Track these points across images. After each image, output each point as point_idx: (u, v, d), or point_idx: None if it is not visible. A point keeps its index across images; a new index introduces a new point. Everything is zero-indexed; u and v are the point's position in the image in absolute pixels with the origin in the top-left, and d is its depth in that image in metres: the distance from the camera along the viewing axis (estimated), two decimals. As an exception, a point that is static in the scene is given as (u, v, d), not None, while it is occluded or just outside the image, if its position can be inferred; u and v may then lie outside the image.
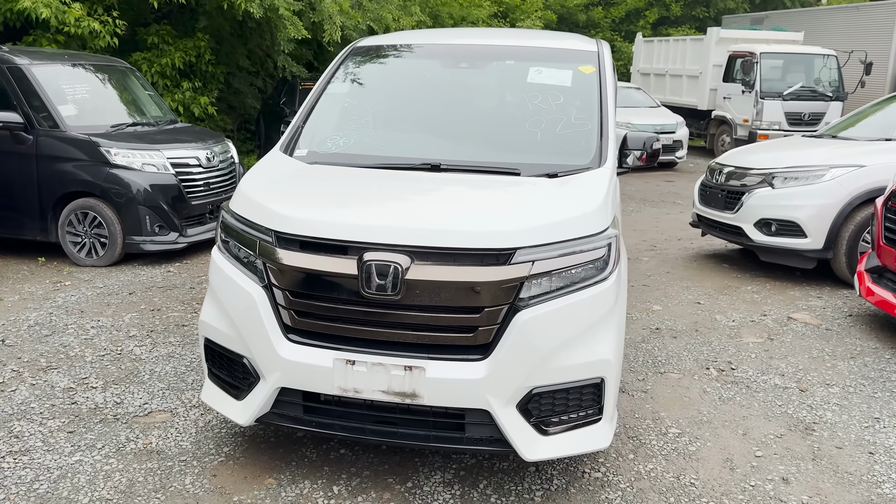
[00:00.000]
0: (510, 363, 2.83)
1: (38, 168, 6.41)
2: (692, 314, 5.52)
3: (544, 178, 3.34)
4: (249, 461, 3.32)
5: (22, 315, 5.08)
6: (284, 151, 3.77)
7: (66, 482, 3.10)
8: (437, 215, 2.98)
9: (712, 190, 6.90)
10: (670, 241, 8.22)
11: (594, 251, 2.97)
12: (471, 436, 2.95)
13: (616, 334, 3.03)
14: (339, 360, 2.89)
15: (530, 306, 2.84)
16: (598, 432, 3.03)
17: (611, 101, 3.88)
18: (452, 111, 4.04)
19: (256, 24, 11.57)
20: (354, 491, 3.12)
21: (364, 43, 4.51)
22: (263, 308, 2.99)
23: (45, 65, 6.65)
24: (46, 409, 3.72)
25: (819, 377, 4.39)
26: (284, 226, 3.00)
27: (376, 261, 2.82)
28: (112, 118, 6.88)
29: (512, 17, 21.56)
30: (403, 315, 2.86)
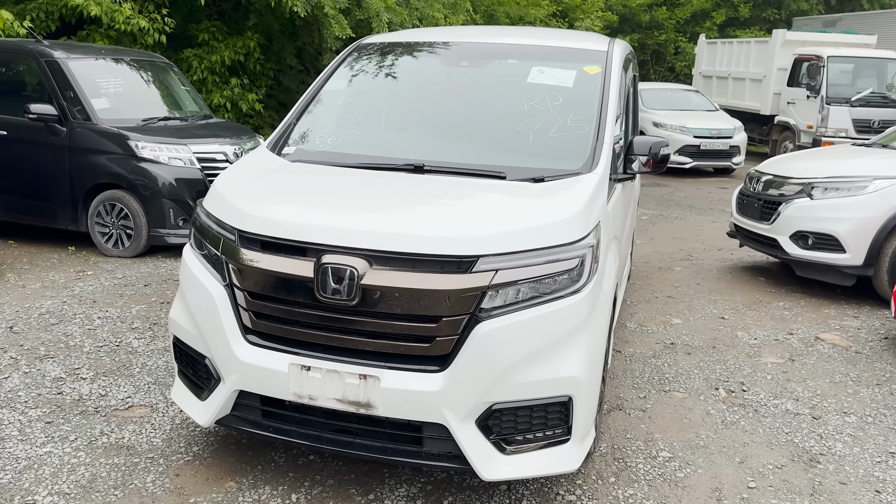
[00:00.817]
0: (468, 376, 2.69)
1: (70, 159, 6.56)
2: (713, 330, 5.24)
3: (527, 183, 3.17)
4: (215, 462, 3.27)
5: (37, 303, 5.19)
6: (272, 149, 3.71)
7: (30, 473, 3.11)
8: (399, 219, 2.86)
9: (749, 199, 6.56)
10: (709, 250, 7.88)
11: (566, 261, 2.80)
12: (429, 450, 2.82)
13: (588, 350, 2.85)
14: (295, 366, 2.80)
15: (492, 317, 2.69)
16: (565, 454, 2.86)
17: (612, 104, 3.68)
18: (446, 111, 3.91)
19: (304, 23, 11.67)
20: (313, 500, 3.04)
21: (369, 40, 4.43)
22: (223, 308, 2.93)
23: (81, 59, 6.80)
24: (32, 398, 3.76)
25: (837, 404, 4.08)
26: (247, 224, 2.93)
27: (332, 264, 2.72)
28: (144, 112, 6.99)
29: (571, 16, 21.21)
30: (359, 321, 2.75)
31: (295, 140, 3.75)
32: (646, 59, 24.69)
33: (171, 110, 7.40)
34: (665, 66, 25.01)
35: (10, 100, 6.79)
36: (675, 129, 13.91)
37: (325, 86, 4.09)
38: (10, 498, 2.94)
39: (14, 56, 6.82)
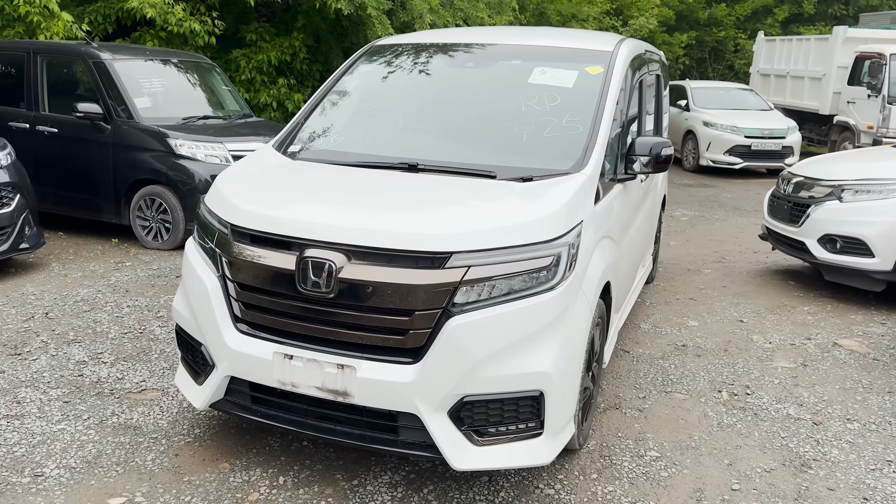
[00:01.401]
0: (440, 369, 2.78)
1: (114, 155, 6.91)
2: (728, 333, 5.18)
3: (514, 182, 3.24)
4: (214, 444, 3.45)
5: (74, 291, 5.50)
6: (278, 147, 3.87)
7: (42, 448, 3.34)
8: (378, 215, 2.97)
9: (779, 201, 6.43)
10: (744, 253, 7.74)
11: (539, 259, 2.86)
12: (404, 439, 2.92)
13: (561, 347, 2.90)
14: (279, 354, 2.95)
15: (464, 312, 2.78)
16: (538, 447, 2.93)
17: (610, 105, 3.71)
18: (446, 111, 4.00)
19: (350, 23, 11.89)
20: (300, 483, 3.18)
21: (382, 42, 4.55)
22: (216, 298, 3.10)
23: (126, 60, 7.14)
24: (55, 378, 4.02)
25: (841, 411, 4.01)
26: (238, 219, 3.09)
27: (312, 258, 2.85)
28: (184, 111, 7.29)
29: (626, 14, 20.96)
30: (337, 313, 2.87)
31: (300, 139, 3.90)
32: (704, 57, 24.21)
33: (212, 109, 7.69)
34: (724, 64, 24.45)
35: (61, 99, 7.17)
36: (726, 129, 13.63)
37: (335, 86, 4.24)
38: (21, 469, 3.17)
39: (66, 57, 7.21)
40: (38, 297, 5.35)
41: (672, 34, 22.65)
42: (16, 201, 5.84)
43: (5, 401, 3.74)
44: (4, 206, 5.76)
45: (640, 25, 19.12)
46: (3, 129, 7.22)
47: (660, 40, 21.93)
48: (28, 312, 5.00)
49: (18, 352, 4.34)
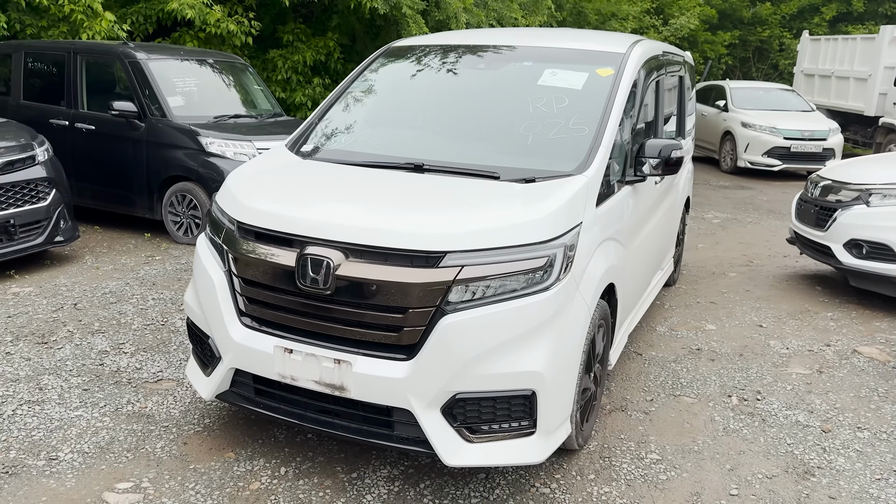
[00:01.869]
0: (432, 366, 2.84)
1: (147, 152, 7.11)
2: (746, 337, 5.12)
3: (515, 183, 3.27)
4: (222, 434, 3.56)
5: (104, 283, 5.70)
6: (291, 146, 3.96)
7: (59, 433, 3.49)
8: (376, 214, 3.03)
9: (806, 204, 6.32)
10: (773, 257, 7.62)
11: (533, 260, 2.90)
12: (399, 434, 2.98)
13: (554, 348, 2.93)
14: (279, 348, 3.03)
15: (457, 311, 2.83)
16: (530, 446, 2.96)
17: (618, 107, 3.72)
18: (454, 112, 4.05)
19: (385, 23, 12.00)
20: (300, 474, 3.26)
21: (399, 43, 4.62)
22: (222, 292, 3.20)
23: (160, 60, 7.35)
24: (77, 367, 4.18)
25: (853, 419, 3.94)
26: (245, 216, 3.19)
27: (311, 255, 2.93)
28: (216, 110, 7.47)
29: (667, 12, 20.68)
30: (334, 309, 2.95)
31: (313, 139, 3.99)
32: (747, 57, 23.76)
33: (243, 108, 7.86)
34: (768, 64, 23.97)
35: (99, 98, 7.41)
36: (765, 130, 13.39)
37: (350, 87, 4.32)
38: (38, 452, 3.32)
39: (103, 57, 7.45)
40: (69, 288, 5.56)
41: (715, 33, 22.28)
42: (51, 196, 6.07)
43: (28, 387, 3.91)
44: (40, 200, 5.99)
45: (680, 25, 18.84)
46: (45, 126, 7.49)
47: (701, 39, 21.63)
48: (58, 303, 5.20)
49: (45, 340, 4.52)
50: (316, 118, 4.15)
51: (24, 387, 3.91)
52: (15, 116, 7.58)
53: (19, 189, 5.82)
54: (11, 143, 5.91)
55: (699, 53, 21.44)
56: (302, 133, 4.06)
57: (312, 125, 4.11)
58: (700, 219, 9.66)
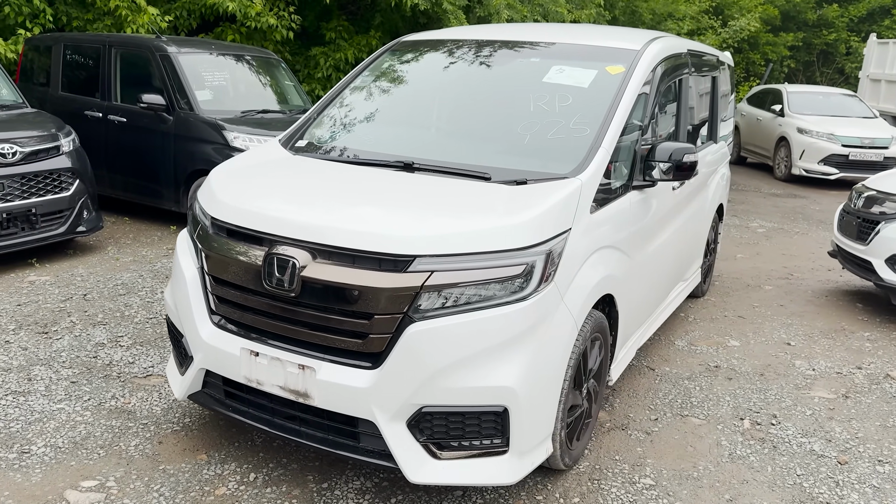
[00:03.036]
0: (397, 376, 2.68)
1: (175, 145, 7.14)
2: (770, 356, 4.81)
3: (504, 185, 3.09)
4: (199, 435, 3.47)
5: (118, 274, 5.72)
6: (286, 142, 3.85)
7: (37, 426, 3.46)
8: (346, 214, 2.88)
9: (849, 216, 5.93)
10: (816, 270, 7.21)
11: (510, 267, 2.71)
12: (365, 447, 2.84)
13: (531, 362, 2.74)
14: (245, 350, 2.92)
15: (425, 319, 2.66)
16: (501, 466, 2.78)
17: (624, 107, 3.49)
18: (453, 110, 3.89)
19: (427, 20, 11.88)
20: (270, 481, 3.14)
21: (407, 38, 4.47)
22: (194, 290, 3.11)
23: (191, 54, 7.37)
24: (71, 359, 4.16)
25: (874, 451, 3.62)
26: (218, 212, 3.09)
27: (278, 254, 2.81)
28: (243, 104, 7.45)
29: (727, 13, 20.04)
30: (300, 312, 2.82)
31: (307, 134, 3.87)
32: (812, 60, 22.84)
33: (272, 103, 7.83)
34: (833, 68, 22.99)
35: (132, 90, 7.48)
36: (822, 137, 12.79)
37: (353, 82, 4.19)
38: (11, 445, 3.29)
39: (136, 50, 7.51)
40: (84, 278, 5.59)
41: (777, 34, 21.48)
42: (74, 186, 6.12)
43: (18, 377, 3.91)
44: (63, 190, 6.05)
45: (740, 26, 18.21)
46: (80, 117, 7.61)
47: (763, 40, 20.89)
48: (69, 293, 5.23)
49: (46, 330, 4.53)
50: (314, 113, 4.04)
51: (14, 377, 3.91)
52: (53, 107, 7.74)
53: (42, 178, 5.89)
54: (37, 133, 5.98)
55: (760, 55, 20.71)
56: (298, 128, 3.95)
57: (310, 120, 4.00)
58: (744, 228, 9.24)
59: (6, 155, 5.62)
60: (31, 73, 8.33)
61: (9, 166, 5.65)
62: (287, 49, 11.55)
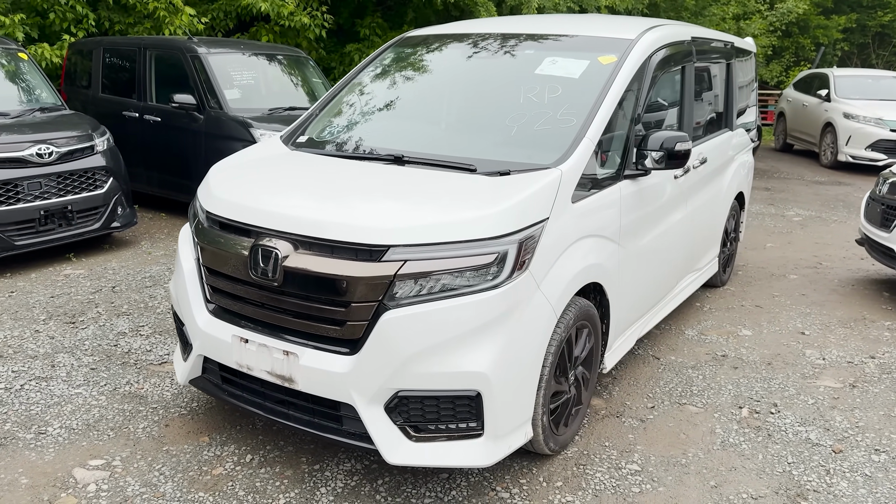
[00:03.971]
0: (374, 361, 2.79)
1: (205, 143, 7.39)
2: (781, 345, 4.75)
3: (488, 176, 3.16)
4: (204, 418, 3.64)
5: (147, 268, 5.98)
6: (287, 137, 3.99)
7: (55, 409, 3.68)
8: (326, 206, 3.00)
9: (874, 203, 5.79)
10: (848, 259, 7.04)
11: (481, 256, 2.79)
12: (347, 429, 2.95)
13: (504, 348, 2.81)
14: (236, 337, 3.07)
15: (400, 306, 2.76)
16: (476, 449, 2.86)
17: (612, 96, 3.52)
18: (446, 103, 3.98)
19: (460, 13, 11.94)
20: (265, 462, 3.29)
21: (410, 34, 4.57)
22: (191, 281, 3.28)
23: (220, 54, 7.61)
24: (93, 347, 4.40)
25: (873, 440, 3.57)
26: (212, 206, 3.25)
27: (262, 245, 2.94)
28: (271, 102, 7.66)
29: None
30: (283, 301, 2.95)
31: (309, 129, 4.00)
32: (867, 43, 22.04)
33: (300, 101, 8.02)
34: (890, 51, 22.14)
35: (166, 90, 7.76)
36: (869, 122, 12.41)
37: (355, 78, 4.31)
38: (30, 425, 3.52)
39: (169, 52, 7.79)
40: (115, 271, 5.86)
41: (829, 17, 20.81)
42: (108, 184, 6.42)
43: (43, 364, 4.15)
44: (97, 188, 6.34)
45: (787, 9, 17.72)
46: (118, 117, 7.95)
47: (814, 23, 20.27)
48: (100, 285, 5.50)
49: (73, 321, 4.79)
50: (316, 109, 4.17)
51: (39, 363, 4.16)
52: (94, 109, 8.10)
53: (77, 177, 6.19)
54: (72, 134, 6.28)
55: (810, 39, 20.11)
56: (299, 124, 4.08)
57: (311, 116, 4.13)
58: (779, 216, 9.06)
59: (43, 155, 5.93)
60: (75, 76, 8.72)
61: (46, 165, 5.96)
62: (322, 46, 11.77)
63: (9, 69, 6.83)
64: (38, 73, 7.00)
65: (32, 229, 5.88)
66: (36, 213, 5.88)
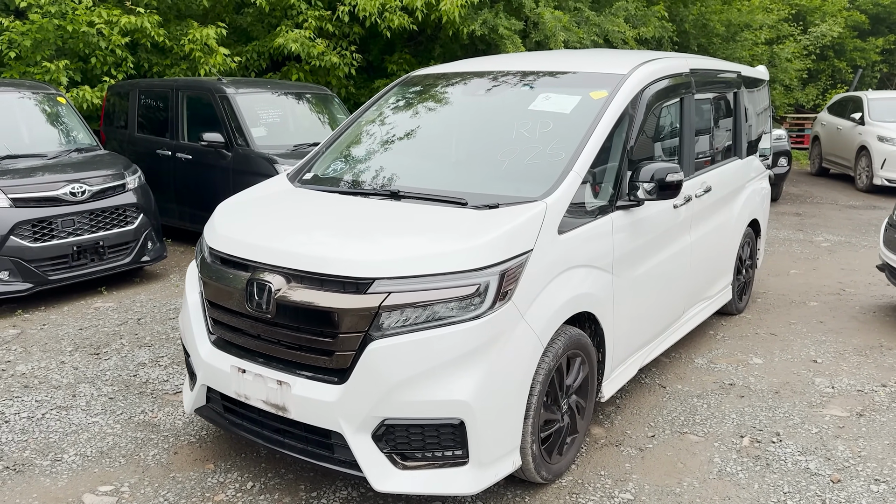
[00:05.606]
0: (360, 390, 2.90)
1: (233, 179, 7.65)
2: (792, 374, 4.71)
3: (476, 210, 3.26)
4: (211, 446, 3.78)
5: (174, 300, 6.20)
6: (293, 175, 4.16)
7: (72, 437, 3.86)
8: (318, 241, 3.14)
9: (892, 228, 5.71)
10: (874, 286, 6.92)
11: (462, 287, 2.89)
12: (338, 457, 3.06)
13: (486, 377, 2.89)
14: (234, 367, 3.21)
15: (384, 336, 2.87)
16: (461, 477, 2.94)
17: (601, 130, 3.61)
18: (443, 140, 4.11)
19: (486, 46, 12.15)
20: (265, 489, 3.41)
21: (416, 73, 4.74)
22: (195, 314, 3.45)
23: (248, 94, 7.91)
24: (113, 377, 4.60)
25: (874, 470, 3.53)
26: (214, 242, 3.42)
27: (257, 279, 3.09)
28: (296, 139, 7.91)
29: (809, 19, 19.34)
30: (276, 332, 3.09)
31: (315, 166, 4.17)
32: (906, 64, 21.64)
33: (323, 137, 8.23)
34: (932, 71, 21.72)
35: (196, 129, 8.08)
36: (886, 141, 12.21)
37: (360, 117, 4.48)
38: (47, 453, 3.70)
39: (199, 92, 8.13)
40: (143, 304, 6.10)
41: (865, 39, 20.52)
42: (139, 220, 6.70)
43: (65, 394, 4.36)
44: (128, 224, 6.62)
45: (821, 32, 17.56)
46: (153, 156, 8.30)
47: (850, 46, 20.01)
48: (126, 318, 5.73)
49: (98, 352, 5.01)
50: (323, 147, 4.34)
51: (62, 393, 4.36)
52: (131, 148, 8.49)
53: (109, 214, 6.48)
54: (105, 173, 6.59)
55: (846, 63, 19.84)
56: (306, 162, 4.26)
57: (318, 154, 4.30)
58: (807, 242, 8.94)
59: (76, 194, 6.23)
60: (113, 116, 9.13)
61: (79, 203, 6.26)
62: (351, 83, 12.07)
63: (47, 112, 7.21)
64: (74, 116, 7.37)
65: (66, 264, 6.17)
66: (69, 248, 6.17)
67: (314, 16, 10.57)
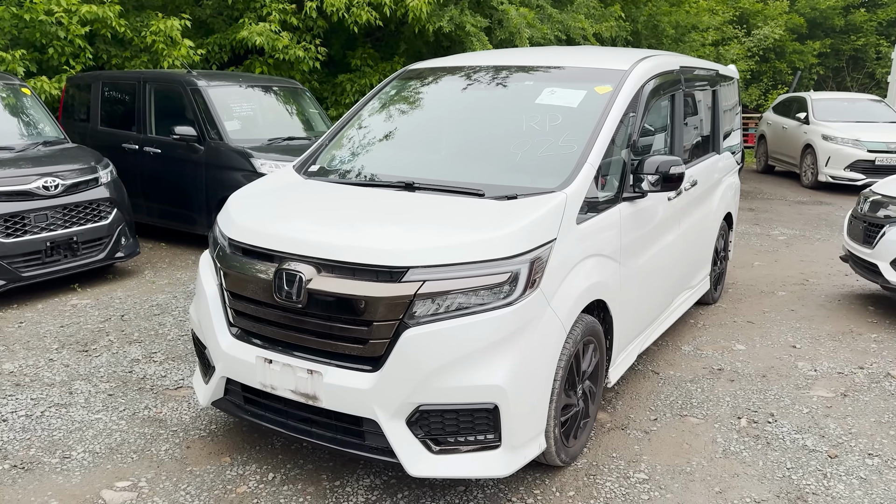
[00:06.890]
0: (395, 377, 2.93)
1: (206, 174, 7.54)
2: (774, 358, 4.94)
3: (496, 200, 3.33)
4: (224, 439, 3.76)
5: (154, 296, 6.09)
6: (299, 167, 4.15)
7: (77, 434, 3.78)
8: (347, 231, 3.16)
9: (856, 220, 6.03)
10: (833, 276, 7.27)
11: (495, 275, 2.95)
12: (369, 444, 3.09)
13: (518, 362, 2.97)
14: (260, 358, 3.20)
15: (420, 324, 2.91)
16: (494, 460, 3.00)
17: (610, 123, 3.72)
18: (452, 132, 4.16)
19: (451, 43, 12.22)
20: (287, 480, 3.41)
21: (413, 66, 4.77)
22: (214, 306, 3.41)
23: (219, 87, 7.79)
24: (108, 373, 4.50)
25: (866, 445, 3.75)
26: (234, 233, 3.39)
27: (286, 269, 3.09)
28: (270, 132, 7.83)
29: (752, 21, 20.05)
30: (307, 322, 3.09)
31: (320, 159, 4.17)
32: (841, 66, 22.65)
33: (297, 130, 8.20)
34: (864, 73, 22.77)
35: (165, 123, 7.92)
36: (847, 143, 12.78)
37: (362, 109, 4.49)
38: (54, 451, 3.62)
39: (169, 85, 7.97)
40: (122, 300, 5.97)
41: (804, 42, 21.40)
42: (112, 215, 6.53)
43: (61, 391, 4.25)
44: (102, 219, 6.46)
45: (763, 35, 18.23)
46: (118, 150, 8.09)
47: (789, 49, 20.83)
48: (108, 314, 5.60)
49: (86, 349, 4.89)
50: (326, 140, 4.34)
51: (57, 391, 4.25)
52: (93, 142, 8.23)
53: (82, 208, 6.30)
54: (77, 167, 6.40)
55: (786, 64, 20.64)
56: (310, 154, 4.25)
57: (321, 146, 4.30)
58: (764, 236, 9.31)
59: (49, 188, 6.05)
60: (73, 109, 8.86)
61: (52, 198, 6.07)
62: (315, 77, 11.98)
63: (12, 104, 6.97)
64: (40, 108, 7.14)
65: (39, 260, 5.98)
66: (42, 244, 5.98)
67: (278, 9, 10.46)
